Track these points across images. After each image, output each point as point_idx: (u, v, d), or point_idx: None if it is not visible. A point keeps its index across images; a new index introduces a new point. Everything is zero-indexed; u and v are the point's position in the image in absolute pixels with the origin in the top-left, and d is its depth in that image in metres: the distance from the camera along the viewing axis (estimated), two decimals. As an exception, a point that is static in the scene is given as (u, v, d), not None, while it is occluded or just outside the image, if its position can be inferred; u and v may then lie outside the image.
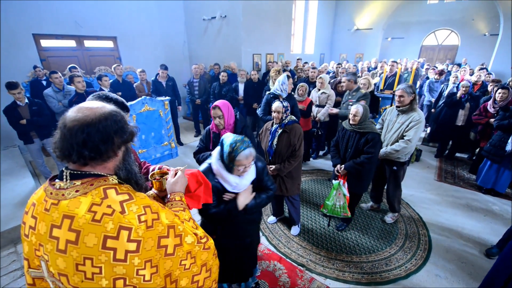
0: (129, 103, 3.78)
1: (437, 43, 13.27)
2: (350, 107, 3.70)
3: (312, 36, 11.53)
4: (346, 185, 2.70)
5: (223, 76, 5.49)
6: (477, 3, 11.30)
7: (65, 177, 0.82)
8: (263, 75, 6.88)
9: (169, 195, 1.13)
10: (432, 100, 6.04)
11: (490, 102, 3.99)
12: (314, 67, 5.29)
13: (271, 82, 4.34)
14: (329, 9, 11.86)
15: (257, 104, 5.49)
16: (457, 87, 5.27)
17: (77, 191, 0.80)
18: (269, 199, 1.79)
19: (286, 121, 2.51)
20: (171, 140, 5.03)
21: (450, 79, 5.59)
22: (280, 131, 2.52)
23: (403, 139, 2.70)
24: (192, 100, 5.90)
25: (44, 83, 4.82)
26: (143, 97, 4.46)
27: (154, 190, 1.20)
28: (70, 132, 0.77)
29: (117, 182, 0.88)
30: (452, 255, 2.69)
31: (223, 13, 6.44)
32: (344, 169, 2.65)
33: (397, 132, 2.77)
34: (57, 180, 0.84)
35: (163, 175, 1.23)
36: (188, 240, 0.94)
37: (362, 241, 2.89)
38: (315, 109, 4.40)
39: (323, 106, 4.36)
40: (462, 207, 3.54)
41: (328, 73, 6.93)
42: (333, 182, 2.74)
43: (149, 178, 1.21)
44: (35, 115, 3.57)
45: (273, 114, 2.53)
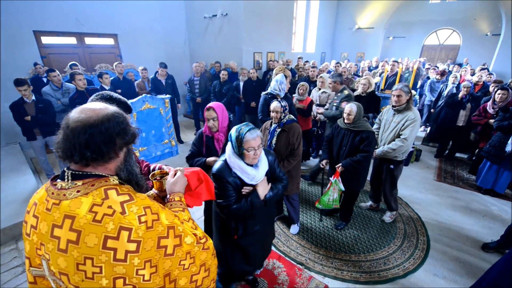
0: (130, 101, 3.77)
1: (439, 42, 13.22)
2: (334, 108, 3.71)
3: (313, 35, 11.49)
4: (340, 179, 2.76)
5: (224, 75, 5.49)
6: (480, 3, 11.24)
7: (66, 177, 0.83)
8: (263, 73, 6.86)
9: (168, 195, 1.14)
10: (433, 100, 6.03)
11: (489, 102, 3.99)
12: (314, 66, 5.26)
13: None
14: (330, 8, 11.81)
15: (255, 103, 5.47)
16: (456, 87, 5.26)
17: (78, 191, 0.81)
18: (284, 188, 1.85)
19: (285, 120, 2.52)
20: (171, 138, 5.04)
21: (449, 79, 5.55)
22: (279, 130, 2.53)
23: (399, 138, 2.75)
24: (193, 98, 5.90)
25: (45, 80, 4.81)
26: (143, 95, 4.46)
27: (155, 190, 1.21)
28: (73, 132, 0.78)
29: (118, 182, 0.89)
30: (450, 255, 2.71)
31: (224, 11, 6.42)
32: (342, 166, 2.68)
33: (394, 131, 2.82)
34: (58, 180, 0.85)
35: (163, 176, 1.24)
36: (187, 240, 0.96)
37: (361, 240, 2.91)
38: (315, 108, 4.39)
39: (323, 106, 4.35)
40: (461, 207, 3.55)
41: (329, 72, 6.90)
42: (331, 179, 2.78)
43: (149, 178, 1.22)
44: (41, 112, 3.59)
45: (272, 114, 2.54)
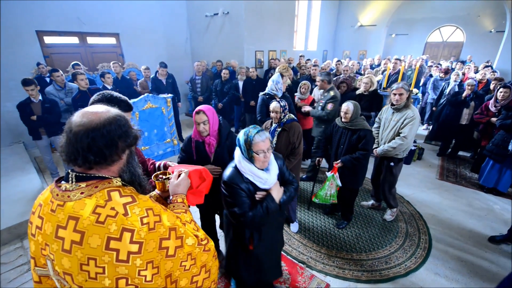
0: (131, 100, 3.78)
1: (442, 39, 13.10)
2: (320, 108, 3.69)
3: (315, 33, 11.43)
4: (337, 175, 2.77)
5: (225, 74, 5.49)
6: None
7: (70, 179, 0.85)
8: (265, 72, 6.84)
9: (171, 196, 1.15)
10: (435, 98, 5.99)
11: (491, 101, 3.96)
12: (316, 65, 5.23)
13: None
14: (332, 6, 11.73)
15: (254, 102, 5.45)
16: (458, 85, 5.21)
17: (82, 193, 0.82)
18: (296, 191, 1.83)
19: (285, 119, 2.53)
20: (173, 137, 5.06)
21: (451, 77, 5.49)
22: (279, 130, 2.54)
23: (399, 136, 2.76)
24: (194, 97, 5.91)
25: (48, 80, 4.84)
26: (145, 94, 4.48)
27: (157, 191, 1.22)
28: (76, 137, 0.80)
29: (121, 184, 0.90)
30: (452, 254, 2.71)
31: (225, 9, 6.42)
32: (341, 162, 2.70)
33: (393, 129, 2.84)
34: (63, 182, 0.87)
35: (167, 176, 1.25)
36: (189, 242, 0.97)
37: (362, 239, 2.91)
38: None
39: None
40: (463, 206, 3.54)
41: (331, 70, 6.85)
42: (327, 174, 2.80)
43: (152, 178, 1.24)
44: (47, 112, 3.63)
45: (272, 115, 2.54)
